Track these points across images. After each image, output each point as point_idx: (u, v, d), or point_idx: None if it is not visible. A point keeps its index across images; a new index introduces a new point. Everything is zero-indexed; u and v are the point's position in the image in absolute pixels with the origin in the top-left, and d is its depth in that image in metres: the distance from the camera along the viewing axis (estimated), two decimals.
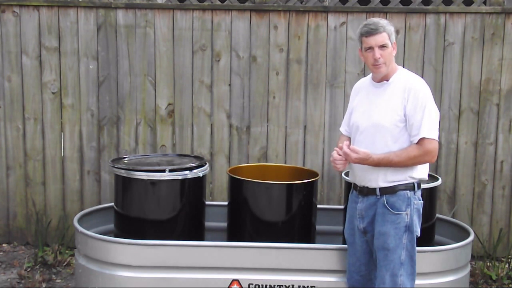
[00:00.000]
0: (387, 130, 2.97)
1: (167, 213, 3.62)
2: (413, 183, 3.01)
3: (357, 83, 3.32)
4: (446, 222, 4.04)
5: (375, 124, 3.00)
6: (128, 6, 4.71)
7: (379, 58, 2.95)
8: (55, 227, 4.79)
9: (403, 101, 2.95)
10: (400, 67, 3.12)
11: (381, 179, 3.00)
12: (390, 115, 2.97)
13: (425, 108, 2.92)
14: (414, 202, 3.00)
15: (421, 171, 3.04)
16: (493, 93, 4.73)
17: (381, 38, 2.95)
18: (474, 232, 3.93)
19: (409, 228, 2.97)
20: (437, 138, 2.95)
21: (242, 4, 4.74)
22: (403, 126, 2.96)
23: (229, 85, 4.77)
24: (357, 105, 3.17)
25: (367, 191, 3.07)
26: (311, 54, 4.74)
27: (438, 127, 3.00)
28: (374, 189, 3.03)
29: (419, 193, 3.05)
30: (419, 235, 3.04)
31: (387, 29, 2.98)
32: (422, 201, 3.07)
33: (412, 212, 2.98)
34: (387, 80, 3.04)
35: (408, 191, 2.99)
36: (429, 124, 2.92)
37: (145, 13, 4.71)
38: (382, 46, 2.96)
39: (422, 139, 2.92)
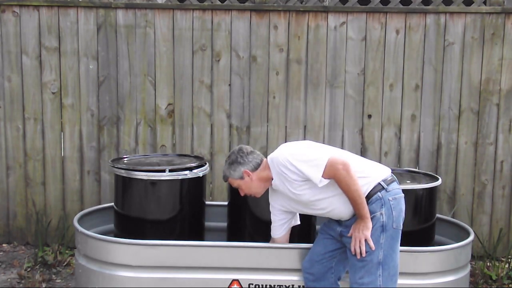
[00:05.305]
0: (302, 198, 3.05)
1: (167, 213, 3.62)
2: (379, 183, 3.01)
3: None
4: (446, 222, 4.03)
5: (298, 201, 3.10)
6: (128, 6, 4.71)
7: (244, 194, 3.24)
8: (55, 227, 4.79)
9: (287, 177, 3.01)
10: (270, 162, 3.11)
11: (351, 211, 3.05)
12: (295, 190, 3.04)
13: (296, 164, 2.97)
14: (388, 199, 2.99)
15: (375, 176, 3.04)
16: (493, 93, 4.73)
17: (231, 183, 3.24)
18: (474, 232, 3.92)
19: (385, 227, 2.97)
20: (325, 158, 2.94)
21: (242, 4, 4.74)
22: (309, 184, 3.00)
23: (229, 85, 4.78)
24: (279, 201, 3.25)
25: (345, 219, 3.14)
26: (311, 54, 4.74)
27: (320, 151, 3.02)
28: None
29: (392, 186, 3.03)
30: (400, 228, 3.02)
31: (227, 176, 3.20)
32: (398, 189, 3.04)
33: (388, 210, 2.98)
34: (272, 179, 3.13)
35: (378, 193, 3.00)
36: (311, 167, 2.95)
37: (145, 13, 4.71)
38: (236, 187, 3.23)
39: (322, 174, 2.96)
